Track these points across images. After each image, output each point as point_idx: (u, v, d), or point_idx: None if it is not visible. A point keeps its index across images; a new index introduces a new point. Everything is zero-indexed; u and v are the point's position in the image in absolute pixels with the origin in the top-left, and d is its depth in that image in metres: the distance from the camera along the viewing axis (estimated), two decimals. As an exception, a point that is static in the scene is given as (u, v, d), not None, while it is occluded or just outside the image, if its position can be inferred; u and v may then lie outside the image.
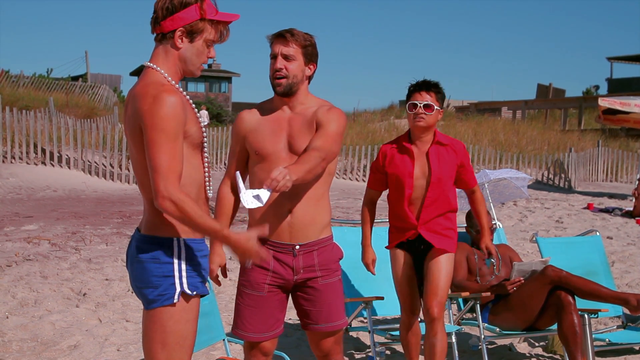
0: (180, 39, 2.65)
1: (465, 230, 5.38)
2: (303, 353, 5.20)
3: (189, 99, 2.71)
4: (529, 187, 16.03)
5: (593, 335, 4.83)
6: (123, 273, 7.04)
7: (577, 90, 75.55)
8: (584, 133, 29.64)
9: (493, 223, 5.35)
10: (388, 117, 32.91)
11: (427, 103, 4.17)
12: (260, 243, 3.15)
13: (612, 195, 17.81)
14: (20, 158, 16.27)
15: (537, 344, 5.67)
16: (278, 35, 3.27)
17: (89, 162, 16.68)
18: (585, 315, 4.70)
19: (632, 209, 13.72)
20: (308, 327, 3.39)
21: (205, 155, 2.74)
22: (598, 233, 6.02)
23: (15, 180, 14.91)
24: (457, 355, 4.79)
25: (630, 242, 10.53)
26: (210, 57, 2.72)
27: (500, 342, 5.64)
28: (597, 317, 4.89)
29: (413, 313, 4.35)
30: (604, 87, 51.07)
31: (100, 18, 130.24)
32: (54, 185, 15.01)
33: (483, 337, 4.86)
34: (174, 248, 2.64)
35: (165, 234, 2.65)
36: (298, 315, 3.44)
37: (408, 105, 4.23)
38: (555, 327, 4.77)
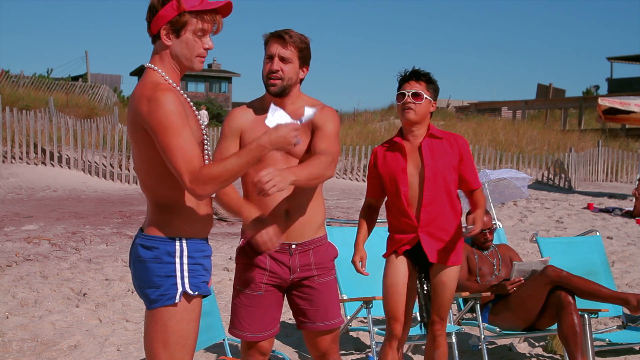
0: (167, 37, 2.64)
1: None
2: (303, 353, 5.20)
3: (188, 100, 2.71)
4: (529, 187, 16.03)
5: (593, 335, 4.83)
6: (123, 273, 7.05)
7: (577, 90, 75.56)
8: (584, 133, 29.63)
9: (493, 223, 5.35)
10: (388, 117, 32.87)
11: (415, 91, 3.81)
12: (254, 247, 3.16)
13: (612, 195, 17.82)
14: (21, 158, 16.28)
15: (537, 344, 5.67)
16: (276, 36, 3.26)
17: (89, 162, 16.69)
18: (586, 315, 4.70)
19: (632, 209, 13.74)
20: (305, 326, 3.40)
21: (207, 154, 2.74)
22: (598, 233, 6.03)
23: (16, 180, 14.92)
24: (457, 355, 4.79)
25: (631, 242, 10.54)
26: (207, 47, 2.68)
27: (500, 342, 5.64)
28: (597, 317, 4.89)
29: (398, 321, 3.88)
30: (604, 87, 51.15)
31: (100, 18, 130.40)
32: (54, 185, 15.02)
33: (483, 337, 4.87)
34: (176, 248, 2.65)
35: (168, 234, 2.65)
36: (294, 315, 3.45)
37: (396, 97, 3.89)
38: (556, 327, 4.77)
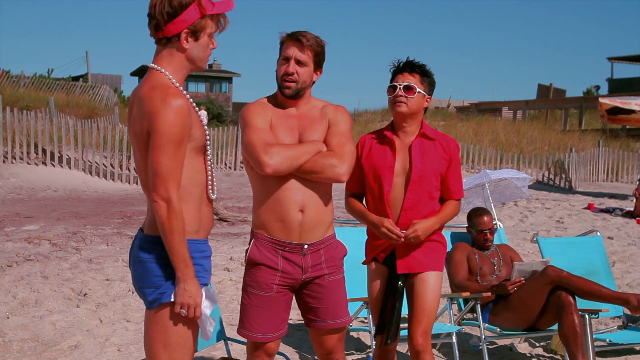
0: (186, 40, 2.65)
1: (466, 230, 5.39)
2: (304, 353, 5.20)
3: (191, 101, 2.72)
4: (530, 187, 16.04)
5: (594, 336, 4.82)
6: (123, 273, 7.05)
7: (577, 91, 75.68)
8: (585, 133, 29.62)
9: (494, 223, 5.35)
10: (389, 117, 32.86)
11: (407, 84, 3.56)
12: (267, 243, 3.19)
13: (612, 196, 17.83)
14: (21, 158, 16.28)
15: (537, 344, 5.66)
16: (294, 38, 3.25)
17: (90, 162, 16.70)
18: (586, 316, 4.70)
19: (632, 209, 13.75)
20: (313, 324, 3.39)
21: (209, 158, 2.74)
22: (599, 233, 6.02)
23: (16, 181, 14.92)
24: (457, 356, 4.79)
25: (631, 242, 10.54)
26: (213, 47, 2.73)
27: (501, 342, 5.64)
28: (597, 317, 4.89)
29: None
30: (605, 87, 51.15)
31: (101, 18, 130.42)
32: (55, 186, 15.02)
33: (484, 337, 4.86)
34: (176, 248, 2.64)
35: (168, 234, 2.64)
36: (302, 314, 3.44)
37: (387, 89, 3.62)
38: (556, 327, 4.77)
